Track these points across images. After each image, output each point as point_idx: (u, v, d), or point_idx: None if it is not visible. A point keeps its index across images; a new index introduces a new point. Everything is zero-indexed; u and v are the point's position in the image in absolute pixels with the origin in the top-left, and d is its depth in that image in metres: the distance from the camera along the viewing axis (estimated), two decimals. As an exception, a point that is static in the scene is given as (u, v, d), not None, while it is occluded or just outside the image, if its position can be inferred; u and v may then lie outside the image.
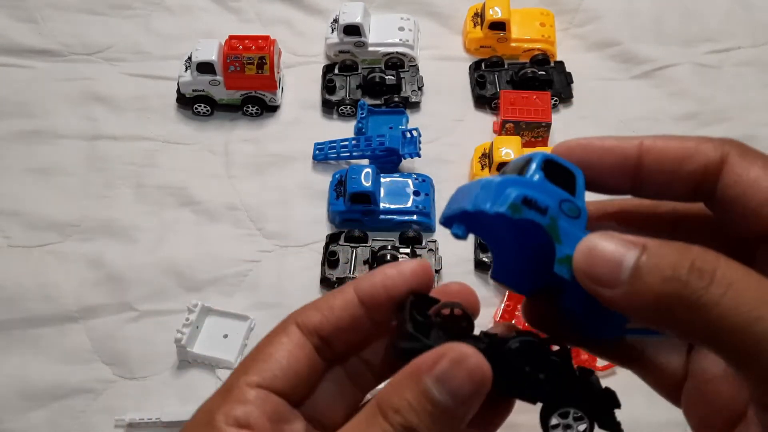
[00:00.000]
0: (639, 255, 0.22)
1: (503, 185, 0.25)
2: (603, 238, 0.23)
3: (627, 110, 0.81)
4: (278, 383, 0.26)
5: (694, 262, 0.21)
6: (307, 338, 0.27)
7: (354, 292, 0.27)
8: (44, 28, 0.87)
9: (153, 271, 0.68)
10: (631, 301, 0.22)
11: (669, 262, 0.22)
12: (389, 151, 0.74)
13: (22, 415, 0.61)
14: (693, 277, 0.21)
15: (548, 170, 0.26)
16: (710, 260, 0.21)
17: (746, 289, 0.21)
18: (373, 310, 0.27)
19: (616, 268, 0.22)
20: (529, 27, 0.85)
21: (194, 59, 0.77)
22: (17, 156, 0.77)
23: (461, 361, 0.23)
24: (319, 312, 0.27)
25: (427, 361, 0.24)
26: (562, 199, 0.25)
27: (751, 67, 0.84)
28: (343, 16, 0.82)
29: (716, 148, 0.25)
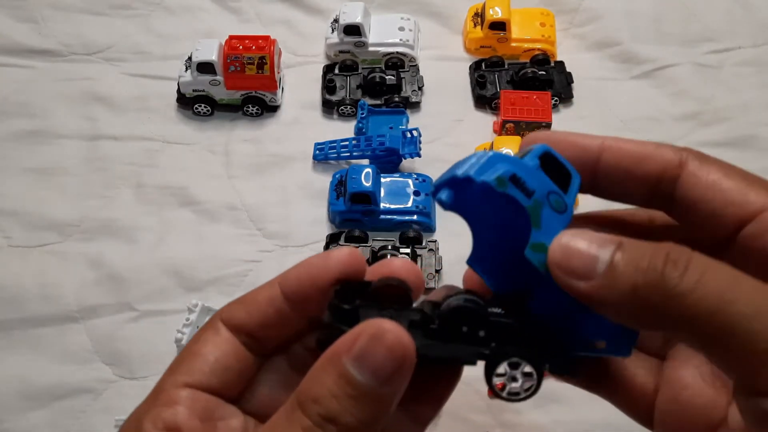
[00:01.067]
0: (615, 250, 0.23)
1: (496, 159, 0.25)
2: (579, 233, 0.23)
3: (627, 110, 0.81)
4: (207, 381, 0.25)
5: (668, 253, 0.22)
6: (235, 335, 0.27)
7: (279, 287, 0.27)
8: (44, 28, 0.87)
9: (153, 271, 0.68)
10: (607, 293, 0.22)
11: (644, 254, 0.22)
12: (389, 151, 0.74)
13: (22, 415, 0.61)
14: (668, 268, 0.22)
15: (546, 163, 0.26)
16: (684, 251, 0.22)
17: (718, 276, 0.21)
18: (299, 304, 0.27)
19: (592, 261, 0.23)
20: (530, 27, 0.85)
21: (194, 59, 0.77)
22: (17, 156, 0.77)
23: (379, 336, 0.22)
24: (243, 308, 0.27)
25: (345, 342, 0.22)
26: (551, 191, 0.25)
27: (751, 67, 0.84)
28: (344, 16, 0.82)
29: (675, 153, 0.26)
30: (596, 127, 0.80)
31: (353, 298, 0.26)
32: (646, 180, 0.26)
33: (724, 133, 0.79)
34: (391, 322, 0.22)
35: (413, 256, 0.67)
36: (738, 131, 0.78)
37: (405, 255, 0.67)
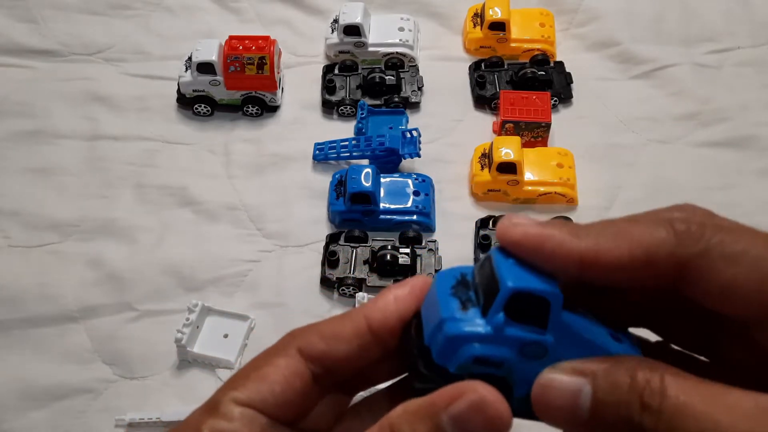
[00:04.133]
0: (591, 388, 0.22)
1: (456, 340, 0.23)
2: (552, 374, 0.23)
3: (626, 110, 0.81)
4: (268, 407, 0.25)
5: (642, 393, 0.21)
6: (307, 366, 0.26)
7: (365, 320, 0.26)
8: (44, 28, 0.87)
9: (153, 271, 0.68)
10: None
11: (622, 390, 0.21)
12: (389, 151, 0.74)
13: (22, 415, 0.61)
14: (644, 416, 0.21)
15: (515, 301, 0.23)
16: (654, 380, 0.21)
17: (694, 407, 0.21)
18: (384, 338, 0.26)
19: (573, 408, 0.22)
20: (529, 27, 0.85)
21: (194, 59, 0.77)
22: (17, 156, 0.77)
23: (481, 405, 0.22)
24: (323, 341, 0.26)
25: (445, 397, 0.22)
26: (525, 343, 0.24)
27: (750, 67, 0.84)
28: (343, 17, 0.82)
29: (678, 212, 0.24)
30: (596, 127, 0.80)
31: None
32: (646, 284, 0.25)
33: (724, 133, 0.79)
34: (494, 391, 0.22)
35: (413, 256, 0.67)
36: (737, 131, 0.78)
37: (405, 255, 0.67)
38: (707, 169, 0.76)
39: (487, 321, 0.24)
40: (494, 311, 0.24)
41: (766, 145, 0.78)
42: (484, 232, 0.70)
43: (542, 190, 0.73)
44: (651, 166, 0.76)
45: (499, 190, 0.73)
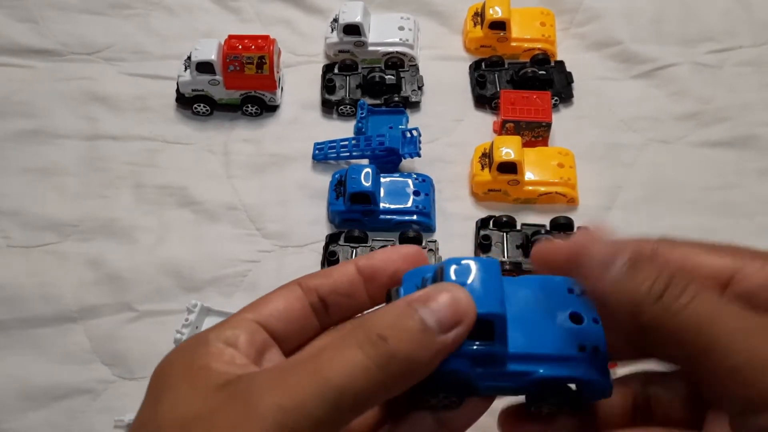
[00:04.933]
0: (629, 259, 0.26)
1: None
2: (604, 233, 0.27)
3: (627, 110, 0.81)
4: (271, 323, 0.29)
5: (673, 276, 0.25)
6: (306, 295, 0.30)
7: (354, 264, 0.31)
8: (43, 27, 0.87)
9: (152, 271, 0.68)
10: (615, 293, 0.25)
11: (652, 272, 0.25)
12: (389, 150, 0.74)
13: (21, 415, 0.61)
14: (670, 286, 0.25)
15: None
16: (685, 277, 0.25)
17: (707, 299, 0.24)
18: (369, 281, 0.30)
19: (613, 255, 0.26)
20: (530, 26, 0.85)
21: (194, 59, 0.77)
22: (16, 156, 0.77)
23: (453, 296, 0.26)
24: (319, 277, 0.31)
25: (421, 294, 0.26)
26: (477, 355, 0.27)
27: (751, 66, 0.84)
28: (343, 16, 0.82)
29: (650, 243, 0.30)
30: (596, 126, 0.79)
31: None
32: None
33: (724, 133, 0.78)
34: (462, 289, 0.26)
35: (413, 256, 0.67)
36: (738, 131, 0.78)
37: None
38: (708, 168, 0.76)
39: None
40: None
41: (766, 144, 0.77)
42: (485, 232, 0.70)
43: (543, 190, 0.73)
44: (652, 166, 0.76)
45: (500, 190, 0.73)
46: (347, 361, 0.24)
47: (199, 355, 0.27)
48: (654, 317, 0.24)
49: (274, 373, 0.25)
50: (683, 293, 0.24)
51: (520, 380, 0.28)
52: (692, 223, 0.72)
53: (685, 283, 0.25)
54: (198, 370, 0.26)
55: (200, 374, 0.26)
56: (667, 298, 0.24)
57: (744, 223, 0.72)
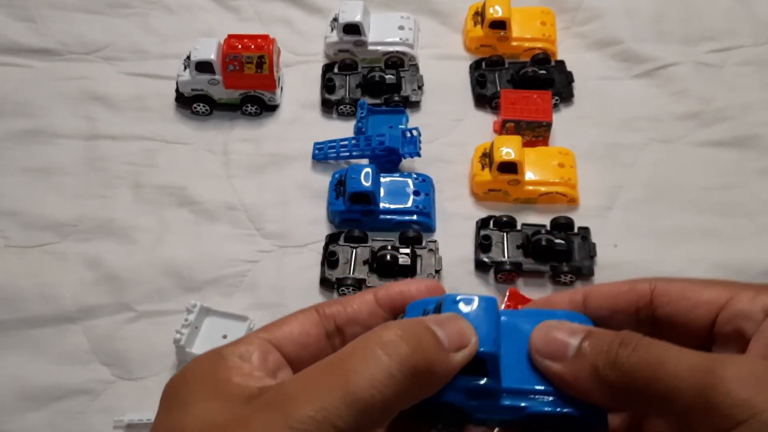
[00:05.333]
0: (583, 338, 0.28)
1: None
2: (556, 326, 0.29)
3: (628, 109, 0.80)
4: (285, 345, 0.29)
5: (623, 338, 0.27)
6: (322, 321, 0.30)
7: (372, 293, 0.31)
8: (42, 27, 0.86)
9: (152, 272, 0.68)
10: (576, 373, 0.27)
11: (605, 339, 0.27)
12: (389, 150, 0.74)
13: (20, 416, 0.61)
14: (621, 348, 0.26)
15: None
16: (635, 336, 0.27)
17: (655, 348, 0.26)
18: (385, 307, 0.31)
19: (564, 347, 0.28)
20: (530, 26, 0.85)
21: (193, 58, 0.76)
22: (15, 156, 0.76)
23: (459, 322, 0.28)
24: (338, 304, 0.31)
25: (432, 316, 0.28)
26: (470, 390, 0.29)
27: (752, 66, 0.83)
28: (343, 15, 0.82)
29: (647, 282, 0.31)
30: (597, 126, 0.79)
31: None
32: (628, 311, 0.31)
33: (725, 133, 0.78)
34: (463, 319, 0.28)
35: (413, 256, 0.67)
36: (739, 130, 0.78)
37: (405, 255, 0.67)
38: (708, 168, 0.76)
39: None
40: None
41: (767, 144, 0.77)
42: (485, 232, 0.70)
43: (543, 190, 0.72)
44: (652, 166, 0.76)
45: (500, 190, 0.73)
46: (373, 368, 0.25)
47: (220, 369, 0.27)
48: (614, 380, 0.26)
49: (303, 382, 0.25)
50: (634, 351, 0.26)
51: (514, 413, 0.29)
52: (693, 223, 0.72)
53: (636, 341, 0.26)
54: (220, 382, 0.26)
55: (224, 386, 0.26)
56: (620, 358, 0.26)
57: (744, 223, 0.72)
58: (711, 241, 0.70)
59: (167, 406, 0.27)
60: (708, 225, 0.72)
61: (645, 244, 0.70)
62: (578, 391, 0.28)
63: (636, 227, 0.71)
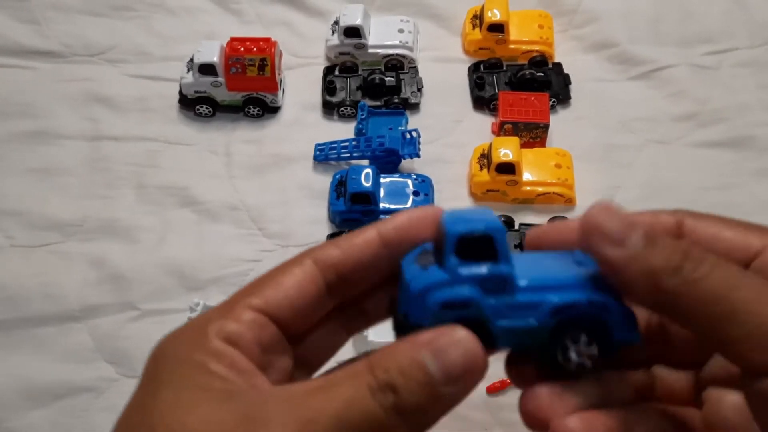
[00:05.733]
0: (644, 234, 0.25)
1: (421, 294, 0.26)
2: (615, 209, 0.25)
3: (625, 111, 0.81)
4: (280, 312, 0.26)
5: (687, 250, 0.25)
6: (322, 273, 0.27)
7: (376, 231, 0.28)
8: (46, 29, 0.87)
9: (155, 271, 0.69)
10: (632, 266, 0.25)
11: (667, 245, 0.25)
12: (389, 151, 0.74)
13: (24, 414, 0.61)
14: (687, 259, 0.24)
15: (464, 246, 0.26)
16: (699, 251, 0.25)
17: (727, 269, 0.25)
18: (392, 247, 0.27)
19: (626, 231, 0.25)
20: (528, 29, 0.86)
21: (196, 61, 0.77)
22: (19, 156, 0.77)
23: (458, 342, 0.24)
24: (338, 249, 0.27)
25: (427, 336, 0.24)
26: (483, 278, 0.26)
27: (748, 67, 0.84)
28: (344, 18, 0.83)
29: (670, 215, 0.28)
30: (594, 128, 0.80)
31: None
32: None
33: (722, 134, 0.79)
34: (467, 332, 0.24)
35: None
36: (736, 132, 0.79)
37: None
38: (705, 169, 0.77)
39: (443, 270, 0.26)
40: (447, 259, 0.26)
41: (764, 145, 0.78)
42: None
43: (541, 191, 0.73)
44: (649, 167, 0.77)
45: (498, 191, 0.74)
46: (361, 409, 0.23)
47: (197, 351, 0.24)
48: (672, 289, 0.24)
49: (288, 407, 0.23)
50: (701, 264, 0.24)
51: (537, 314, 0.26)
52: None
53: (703, 254, 0.25)
54: (195, 368, 0.24)
55: (198, 375, 0.24)
56: (685, 269, 0.24)
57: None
58: (707, 241, 0.71)
59: (143, 383, 0.25)
60: (704, 225, 0.72)
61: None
62: (624, 283, 0.25)
63: (633, 227, 0.72)
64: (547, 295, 0.26)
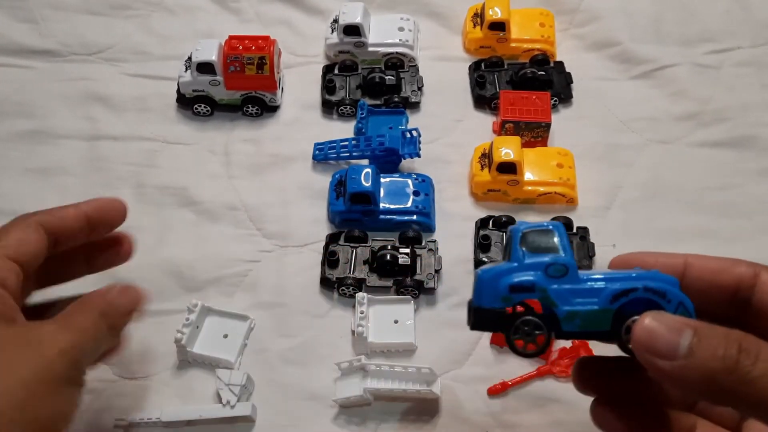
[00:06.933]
0: (693, 335, 0.26)
1: (492, 280, 0.31)
2: (659, 317, 0.28)
3: (626, 110, 0.81)
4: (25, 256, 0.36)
5: (741, 343, 0.26)
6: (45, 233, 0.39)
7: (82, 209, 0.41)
8: (44, 28, 0.87)
9: (153, 271, 0.68)
10: (687, 374, 0.26)
11: (720, 342, 0.26)
12: (389, 151, 0.74)
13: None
14: (742, 356, 0.25)
15: (529, 239, 0.31)
16: (754, 341, 0.26)
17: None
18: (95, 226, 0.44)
19: (674, 344, 0.27)
20: (529, 27, 0.85)
21: (194, 59, 0.77)
22: (17, 156, 0.77)
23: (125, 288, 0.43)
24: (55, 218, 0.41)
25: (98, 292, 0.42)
26: (547, 265, 0.30)
27: (750, 67, 0.84)
28: (343, 17, 0.82)
29: (749, 267, 0.31)
30: (595, 127, 0.80)
31: None
32: (725, 290, 0.30)
33: (724, 134, 0.79)
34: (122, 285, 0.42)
35: (413, 256, 0.67)
36: (737, 131, 0.79)
37: (405, 255, 0.67)
38: (707, 169, 0.76)
39: (511, 260, 0.31)
40: (514, 251, 0.31)
41: (765, 145, 0.78)
42: (484, 232, 0.70)
43: (542, 190, 0.73)
44: (651, 166, 0.76)
45: (499, 190, 0.73)
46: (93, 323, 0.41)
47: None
48: (730, 387, 0.25)
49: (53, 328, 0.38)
50: (758, 360, 0.25)
51: (599, 299, 0.29)
52: (691, 223, 0.72)
53: (758, 346, 0.26)
54: None
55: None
56: (741, 367, 0.25)
57: (743, 224, 0.72)
58: (709, 242, 0.71)
59: None
60: (706, 225, 0.72)
61: (643, 245, 0.69)
62: (686, 388, 0.27)
63: (634, 227, 0.72)
64: (607, 282, 0.30)
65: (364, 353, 0.63)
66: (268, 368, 0.63)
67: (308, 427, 0.60)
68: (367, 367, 0.60)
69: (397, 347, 0.64)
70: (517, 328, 0.31)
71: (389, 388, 0.59)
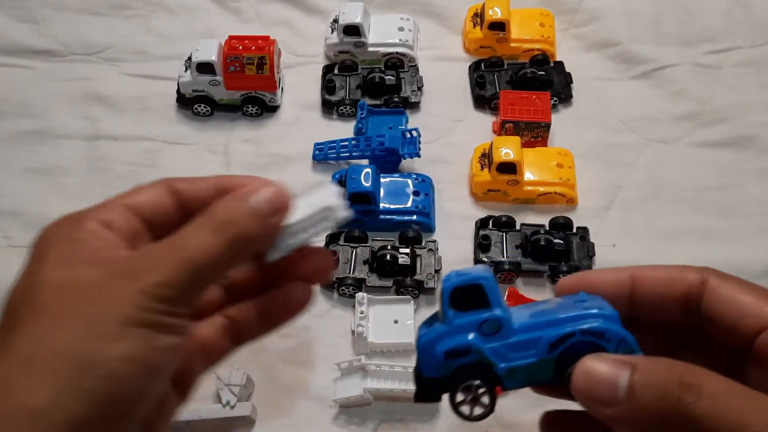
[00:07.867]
0: (631, 374, 0.25)
1: (427, 348, 0.29)
2: (596, 362, 0.27)
3: (626, 110, 0.81)
4: (145, 209, 0.32)
5: (682, 378, 0.25)
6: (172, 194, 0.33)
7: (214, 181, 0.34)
8: (44, 28, 0.87)
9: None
10: (630, 417, 0.25)
11: (660, 379, 0.25)
12: (389, 151, 0.74)
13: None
14: (683, 393, 0.24)
15: (458, 297, 0.29)
16: (696, 375, 0.25)
17: (731, 399, 0.24)
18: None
19: (612, 388, 0.26)
20: (529, 27, 0.85)
21: (194, 59, 0.77)
22: (17, 156, 0.77)
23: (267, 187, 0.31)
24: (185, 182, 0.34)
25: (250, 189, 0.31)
26: (479, 323, 0.28)
27: (750, 67, 0.84)
28: (343, 17, 0.82)
29: (697, 272, 0.29)
30: (596, 127, 0.80)
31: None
32: (677, 300, 0.29)
33: (724, 133, 0.79)
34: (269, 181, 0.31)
35: (413, 256, 0.67)
36: (737, 131, 0.79)
37: (405, 255, 0.67)
38: (707, 169, 0.76)
39: (443, 323, 0.29)
40: (445, 312, 0.29)
41: (765, 145, 0.78)
42: (484, 232, 0.70)
43: (542, 190, 0.73)
44: (651, 166, 0.76)
45: (499, 190, 0.73)
46: (205, 243, 0.29)
47: (76, 231, 0.30)
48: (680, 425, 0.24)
49: (149, 256, 0.29)
50: (700, 397, 0.24)
51: (536, 350, 0.28)
52: (691, 223, 0.72)
53: (699, 383, 0.25)
54: (75, 242, 0.29)
55: (77, 247, 0.29)
56: (683, 406, 0.24)
57: (742, 223, 0.72)
58: (709, 242, 0.71)
59: (29, 259, 0.30)
60: (706, 225, 0.72)
61: (643, 244, 0.71)
62: (635, 429, 0.26)
63: (634, 227, 0.72)
64: (542, 331, 0.28)
65: (364, 353, 0.63)
66: (267, 368, 0.63)
67: (308, 427, 0.60)
68: (367, 367, 0.60)
69: (397, 347, 0.64)
70: (459, 395, 0.30)
71: (389, 388, 0.59)
